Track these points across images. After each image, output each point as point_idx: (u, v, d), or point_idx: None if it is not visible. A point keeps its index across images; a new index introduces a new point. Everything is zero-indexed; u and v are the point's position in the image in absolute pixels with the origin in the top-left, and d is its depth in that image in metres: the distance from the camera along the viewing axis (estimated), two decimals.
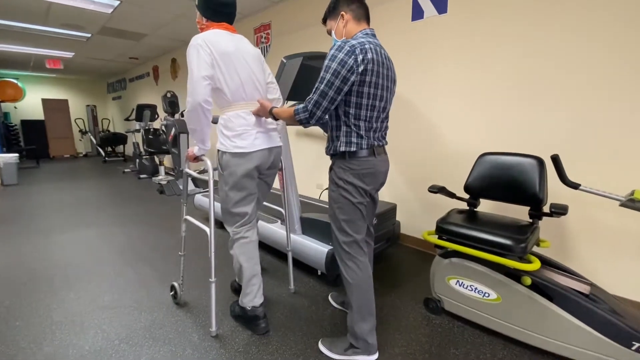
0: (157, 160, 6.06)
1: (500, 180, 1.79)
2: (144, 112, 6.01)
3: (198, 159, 1.68)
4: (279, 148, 1.75)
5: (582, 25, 1.83)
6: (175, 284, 1.95)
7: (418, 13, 2.52)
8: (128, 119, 7.31)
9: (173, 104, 5.07)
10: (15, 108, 9.17)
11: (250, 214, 1.68)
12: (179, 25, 4.61)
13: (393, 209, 2.58)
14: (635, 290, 1.82)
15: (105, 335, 1.66)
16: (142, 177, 6.19)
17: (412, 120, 2.68)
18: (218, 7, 1.56)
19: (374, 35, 1.41)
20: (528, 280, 1.47)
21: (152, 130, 5.92)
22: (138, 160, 6.47)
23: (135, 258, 2.60)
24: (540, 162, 1.69)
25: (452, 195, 1.94)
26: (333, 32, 1.47)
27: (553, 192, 1.81)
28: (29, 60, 7.15)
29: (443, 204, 2.41)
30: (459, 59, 2.35)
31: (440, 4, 2.38)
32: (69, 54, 6.57)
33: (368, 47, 1.29)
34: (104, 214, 3.82)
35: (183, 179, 1.91)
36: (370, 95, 1.35)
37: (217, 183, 1.70)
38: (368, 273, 1.49)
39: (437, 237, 1.77)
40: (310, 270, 2.34)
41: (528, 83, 2.06)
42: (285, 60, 2.02)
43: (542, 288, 1.48)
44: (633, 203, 1.40)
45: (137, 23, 4.54)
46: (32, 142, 8.90)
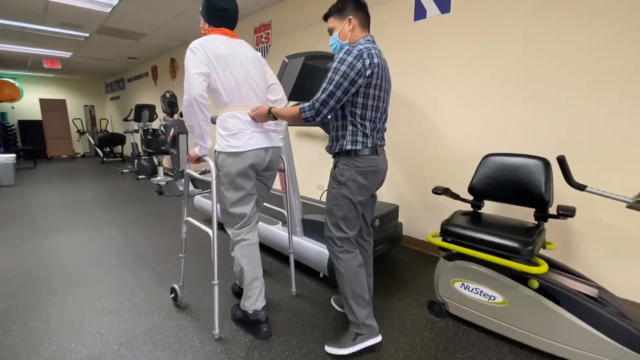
0: (155, 161, 6.02)
1: (505, 182, 1.77)
2: (143, 112, 5.97)
3: (200, 160, 1.66)
4: (278, 148, 1.74)
5: (585, 25, 1.82)
6: (176, 286, 1.92)
7: (421, 13, 2.50)
8: (126, 119, 7.26)
9: (172, 104, 5.04)
10: (13, 108, 9.10)
11: (250, 216, 1.66)
12: (178, 25, 4.58)
13: (395, 211, 2.56)
14: None
15: (104, 340, 1.63)
16: (140, 177, 6.15)
17: (414, 121, 2.66)
18: (219, 12, 1.60)
19: (374, 42, 1.49)
20: (535, 284, 1.45)
21: (150, 131, 5.88)
22: (136, 161, 6.43)
23: (134, 260, 2.56)
24: (546, 163, 1.67)
25: (456, 197, 1.91)
26: (336, 32, 1.50)
27: (557, 192, 1.78)
28: (27, 60, 7.10)
29: (446, 206, 2.38)
30: (463, 59, 2.33)
31: (443, 4, 2.36)
32: (67, 54, 6.52)
33: (373, 52, 1.39)
34: (102, 215, 3.79)
35: (184, 180, 1.89)
36: (375, 97, 1.44)
37: None
38: (359, 262, 1.57)
39: (441, 239, 1.75)
40: (312, 273, 2.31)
41: (533, 83, 2.04)
42: (287, 60, 2.00)
43: (549, 291, 1.46)
44: None
45: (136, 22, 4.51)
46: (29, 142, 8.85)
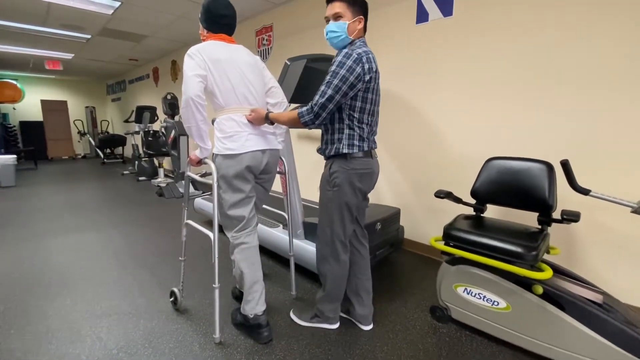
0: (156, 163, 6.01)
1: (509, 186, 1.75)
2: (144, 113, 5.97)
3: (201, 163, 1.67)
4: (276, 151, 1.74)
5: (591, 28, 1.81)
6: (175, 290, 1.91)
7: (423, 16, 2.49)
8: (127, 121, 7.27)
9: (173, 106, 5.03)
10: (14, 109, 9.11)
11: (248, 218, 1.66)
12: (180, 27, 4.58)
13: (397, 214, 2.54)
14: None
15: (103, 344, 1.61)
16: (141, 179, 6.14)
17: (416, 124, 2.64)
18: (217, 18, 1.62)
19: (366, 44, 1.49)
20: (540, 289, 1.43)
21: (151, 132, 5.87)
22: (137, 163, 6.42)
23: (134, 263, 2.55)
24: (550, 167, 1.65)
25: (458, 201, 1.90)
26: (346, 22, 1.40)
27: (560, 197, 1.77)
28: (28, 61, 7.11)
29: (447, 209, 2.37)
30: (465, 62, 2.32)
31: (446, 7, 2.35)
32: (69, 55, 6.53)
33: (371, 57, 1.40)
34: (102, 217, 3.77)
35: (184, 183, 1.88)
36: (373, 101, 1.46)
37: None
38: (346, 269, 1.63)
39: (444, 243, 1.73)
40: (314, 276, 2.29)
41: (536, 86, 2.03)
42: (289, 63, 1.99)
43: (553, 297, 1.44)
44: None
45: (137, 24, 4.52)
46: (30, 143, 8.85)
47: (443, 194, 1.86)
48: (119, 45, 5.71)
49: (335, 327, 1.73)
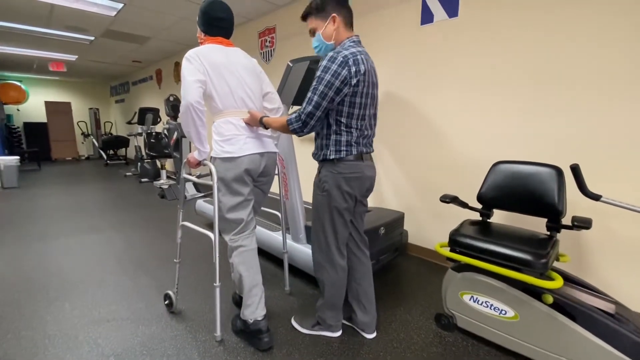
0: (158, 164, 6.00)
1: (516, 190, 1.71)
2: (147, 115, 5.97)
3: (200, 164, 1.66)
4: (274, 154, 1.75)
5: (601, 30, 1.76)
6: (170, 293, 1.88)
7: (427, 17, 2.45)
8: (130, 122, 7.28)
9: (175, 108, 5.02)
10: (18, 110, 9.16)
11: (247, 222, 1.64)
12: (183, 28, 4.57)
13: (401, 218, 2.50)
14: None
15: (100, 351, 1.58)
16: (143, 181, 6.13)
17: (421, 127, 2.60)
18: (214, 21, 1.61)
19: (360, 42, 1.43)
20: (550, 299, 1.39)
21: (154, 134, 5.87)
22: (140, 164, 6.42)
23: (134, 266, 2.52)
24: (559, 171, 1.60)
25: (464, 205, 1.85)
26: (320, 32, 1.43)
27: (569, 202, 1.72)
28: (32, 63, 7.14)
29: (452, 214, 2.33)
30: (470, 64, 2.28)
31: (451, 8, 2.31)
32: (72, 57, 6.55)
33: (360, 58, 1.33)
34: (104, 219, 3.75)
35: (180, 184, 1.86)
36: (362, 105, 1.40)
37: None
38: (344, 275, 1.59)
39: (449, 249, 1.69)
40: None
41: (544, 89, 1.98)
42: (292, 64, 1.96)
43: (564, 307, 1.39)
44: None
45: (140, 26, 4.51)
46: (34, 144, 8.89)
47: (449, 199, 1.81)
48: (122, 47, 5.71)
49: (338, 335, 1.69)
